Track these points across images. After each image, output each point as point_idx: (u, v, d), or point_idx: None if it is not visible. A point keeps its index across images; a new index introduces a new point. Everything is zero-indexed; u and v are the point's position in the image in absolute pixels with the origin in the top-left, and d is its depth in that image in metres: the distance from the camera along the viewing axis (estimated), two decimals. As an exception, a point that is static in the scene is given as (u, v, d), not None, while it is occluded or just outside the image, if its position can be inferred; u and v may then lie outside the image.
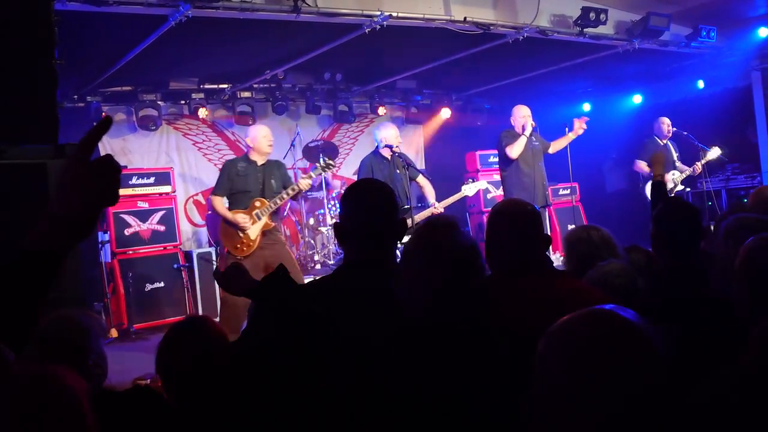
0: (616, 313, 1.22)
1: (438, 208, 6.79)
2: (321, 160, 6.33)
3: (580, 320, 1.23)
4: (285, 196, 5.96)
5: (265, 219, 5.92)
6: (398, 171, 6.64)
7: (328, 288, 2.11)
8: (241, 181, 5.93)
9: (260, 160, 6.03)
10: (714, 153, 8.06)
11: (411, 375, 1.78)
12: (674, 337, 2.37)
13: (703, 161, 8.07)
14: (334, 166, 6.67)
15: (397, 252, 2.24)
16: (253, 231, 5.86)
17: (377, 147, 6.76)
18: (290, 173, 9.95)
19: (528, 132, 7.02)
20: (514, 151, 6.98)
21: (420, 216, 6.75)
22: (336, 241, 4.82)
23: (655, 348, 1.17)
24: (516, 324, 1.87)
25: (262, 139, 6.02)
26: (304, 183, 6.01)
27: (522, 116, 7.14)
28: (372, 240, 2.08)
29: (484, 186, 7.34)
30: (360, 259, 2.09)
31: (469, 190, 7.09)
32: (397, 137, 6.72)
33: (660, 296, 2.67)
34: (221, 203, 5.93)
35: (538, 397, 1.22)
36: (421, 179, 6.86)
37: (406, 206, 6.50)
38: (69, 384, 1.55)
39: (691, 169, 8.10)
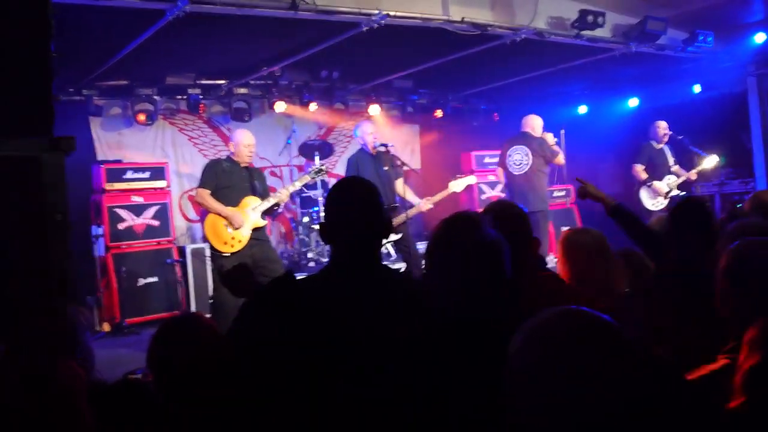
0: (588, 311, 1.24)
1: (426, 204, 6.81)
2: (315, 164, 6.39)
3: (554, 318, 1.25)
4: (267, 204, 5.97)
5: (257, 217, 5.92)
6: (386, 168, 6.65)
7: (316, 288, 2.11)
8: (227, 177, 5.93)
9: (243, 163, 6.06)
10: (711, 161, 8.10)
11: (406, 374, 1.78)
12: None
13: (699, 168, 8.10)
14: (326, 172, 6.70)
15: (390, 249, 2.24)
16: (245, 229, 5.85)
17: (363, 144, 6.85)
18: (286, 171, 10.03)
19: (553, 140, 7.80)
20: (563, 157, 7.89)
21: (409, 213, 6.76)
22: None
23: (630, 347, 1.19)
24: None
25: (244, 148, 6.03)
26: (284, 195, 6.17)
27: (540, 126, 7.87)
28: (356, 240, 2.06)
29: (472, 181, 7.34)
30: (345, 260, 2.08)
31: (456, 186, 7.09)
32: (371, 133, 6.80)
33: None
34: (209, 195, 5.88)
35: (512, 394, 1.23)
36: (399, 184, 6.86)
37: (394, 204, 6.51)
38: (65, 377, 1.55)
39: (688, 175, 8.13)
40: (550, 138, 7.67)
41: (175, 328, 2.26)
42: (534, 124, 7.85)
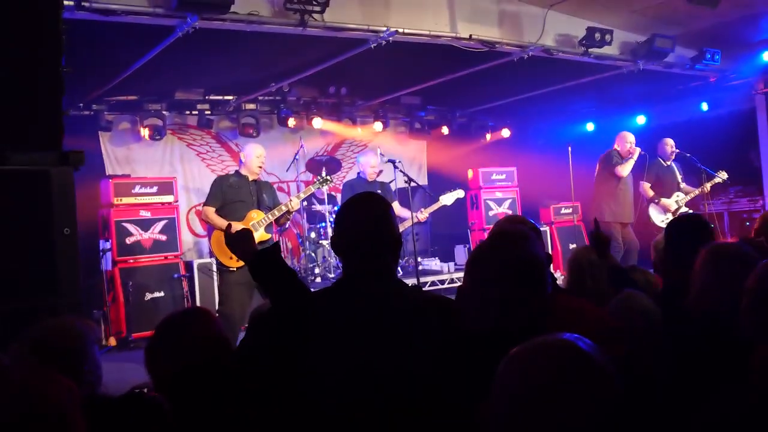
0: (575, 344, 1.23)
1: (422, 215, 7.19)
2: (321, 175, 6.49)
3: (540, 348, 1.24)
4: (277, 212, 5.96)
5: (261, 231, 5.91)
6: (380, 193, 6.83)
7: (328, 299, 2.12)
8: (233, 192, 5.92)
9: (251, 176, 6.05)
10: (722, 176, 8.10)
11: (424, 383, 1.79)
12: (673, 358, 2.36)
13: (710, 183, 8.08)
14: (331, 182, 6.72)
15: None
16: None
17: (361, 172, 7.36)
18: (293, 186, 10.06)
19: (636, 156, 7.81)
20: (625, 170, 7.84)
21: (402, 226, 7.05)
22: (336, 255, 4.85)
23: (612, 381, 1.19)
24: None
25: (255, 158, 6.02)
26: (295, 203, 6.08)
27: (630, 142, 7.94)
28: (368, 253, 2.08)
29: (461, 195, 7.66)
30: (356, 272, 2.10)
31: (446, 199, 7.47)
32: (373, 167, 7.32)
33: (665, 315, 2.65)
34: (213, 212, 5.89)
35: (495, 418, 1.23)
36: (395, 206, 7.07)
37: None
38: (59, 391, 1.54)
39: (699, 190, 8.10)
40: (636, 153, 7.84)
41: (170, 322, 2.26)
42: (623, 139, 8.09)
